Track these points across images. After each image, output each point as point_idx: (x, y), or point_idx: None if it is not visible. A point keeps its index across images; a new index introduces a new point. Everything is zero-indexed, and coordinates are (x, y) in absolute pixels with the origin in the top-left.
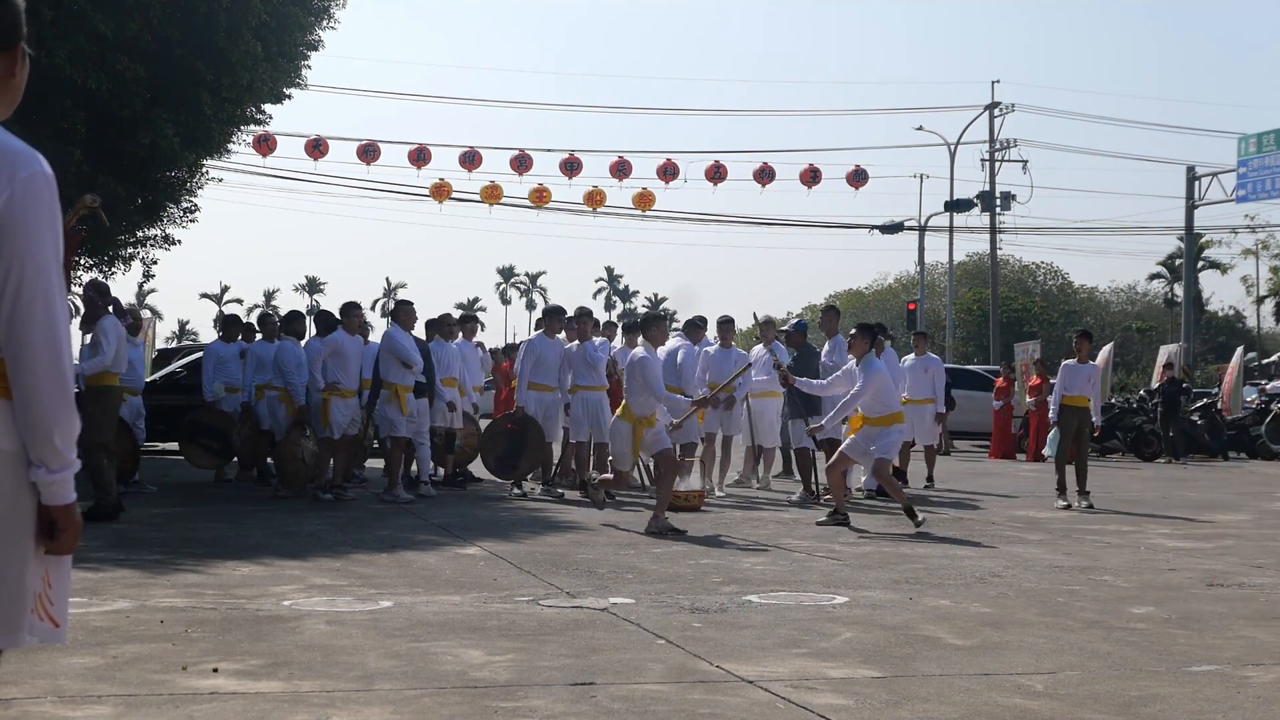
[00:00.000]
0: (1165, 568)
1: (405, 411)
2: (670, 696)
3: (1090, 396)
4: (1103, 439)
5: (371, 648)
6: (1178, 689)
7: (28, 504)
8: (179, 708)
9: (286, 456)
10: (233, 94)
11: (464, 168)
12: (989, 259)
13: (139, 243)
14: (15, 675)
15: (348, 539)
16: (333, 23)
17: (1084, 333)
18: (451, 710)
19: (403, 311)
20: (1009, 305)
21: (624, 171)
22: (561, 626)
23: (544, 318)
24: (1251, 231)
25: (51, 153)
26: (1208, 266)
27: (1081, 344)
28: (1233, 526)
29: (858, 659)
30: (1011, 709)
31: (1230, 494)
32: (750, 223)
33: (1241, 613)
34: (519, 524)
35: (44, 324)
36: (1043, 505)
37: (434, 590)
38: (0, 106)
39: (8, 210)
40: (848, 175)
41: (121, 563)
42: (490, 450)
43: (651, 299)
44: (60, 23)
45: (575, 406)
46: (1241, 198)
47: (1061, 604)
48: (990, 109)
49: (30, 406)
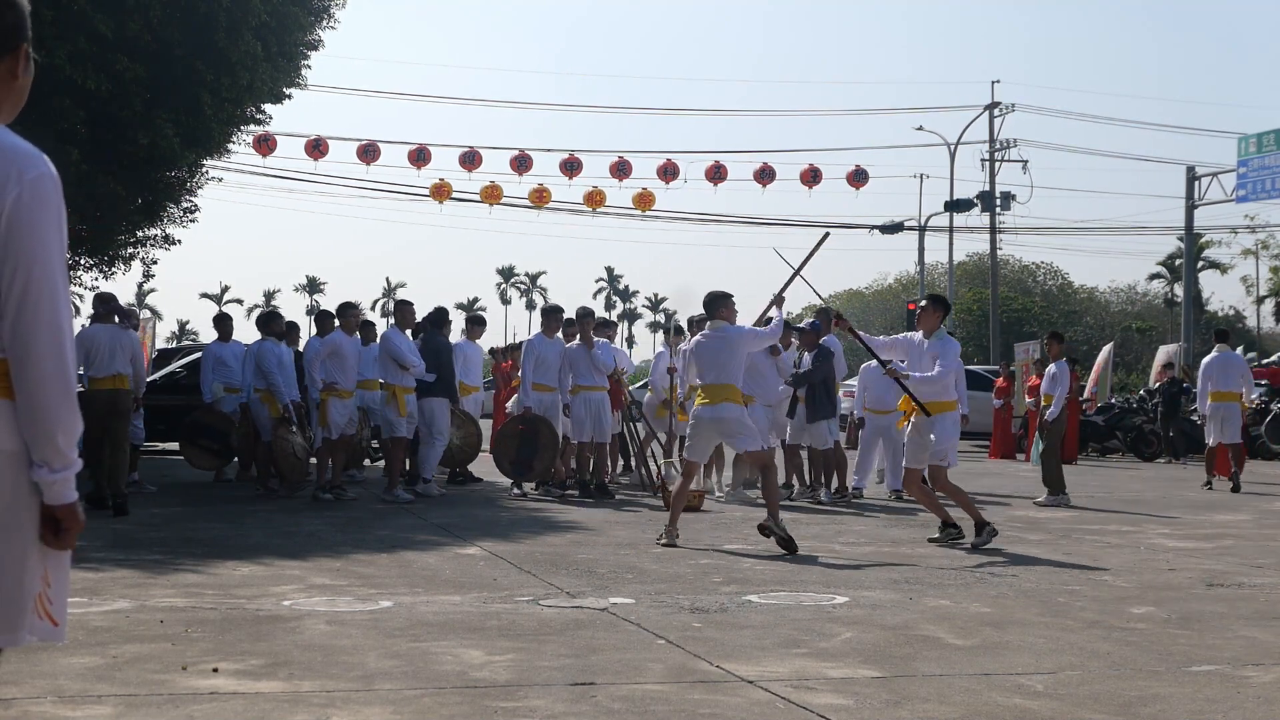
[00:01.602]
0: (1165, 568)
1: (404, 412)
2: (670, 696)
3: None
4: (1103, 439)
5: (371, 648)
6: (1178, 689)
7: (29, 504)
8: (179, 708)
9: (279, 455)
10: (233, 94)
11: (464, 168)
12: (989, 259)
13: (139, 243)
14: (15, 675)
15: (348, 539)
16: (333, 23)
17: (1054, 334)
18: (451, 710)
19: (401, 312)
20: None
21: (624, 171)
22: (561, 626)
23: (543, 317)
24: (1251, 231)
25: (51, 153)
26: (1208, 266)
27: (1051, 345)
28: (1233, 526)
29: (858, 659)
30: (1011, 709)
31: (1230, 494)
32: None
33: (1241, 613)
34: (519, 524)
35: (49, 325)
36: (1043, 505)
37: (434, 590)
38: (4, 108)
39: (14, 212)
40: (848, 175)
41: (121, 563)
42: (503, 454)
43: (651, 299)
44: (60, 23)
45: (577, 407)
46: (1241, 198)
47: (1061, 604)
48: (990, 109)
49: (34, 406)
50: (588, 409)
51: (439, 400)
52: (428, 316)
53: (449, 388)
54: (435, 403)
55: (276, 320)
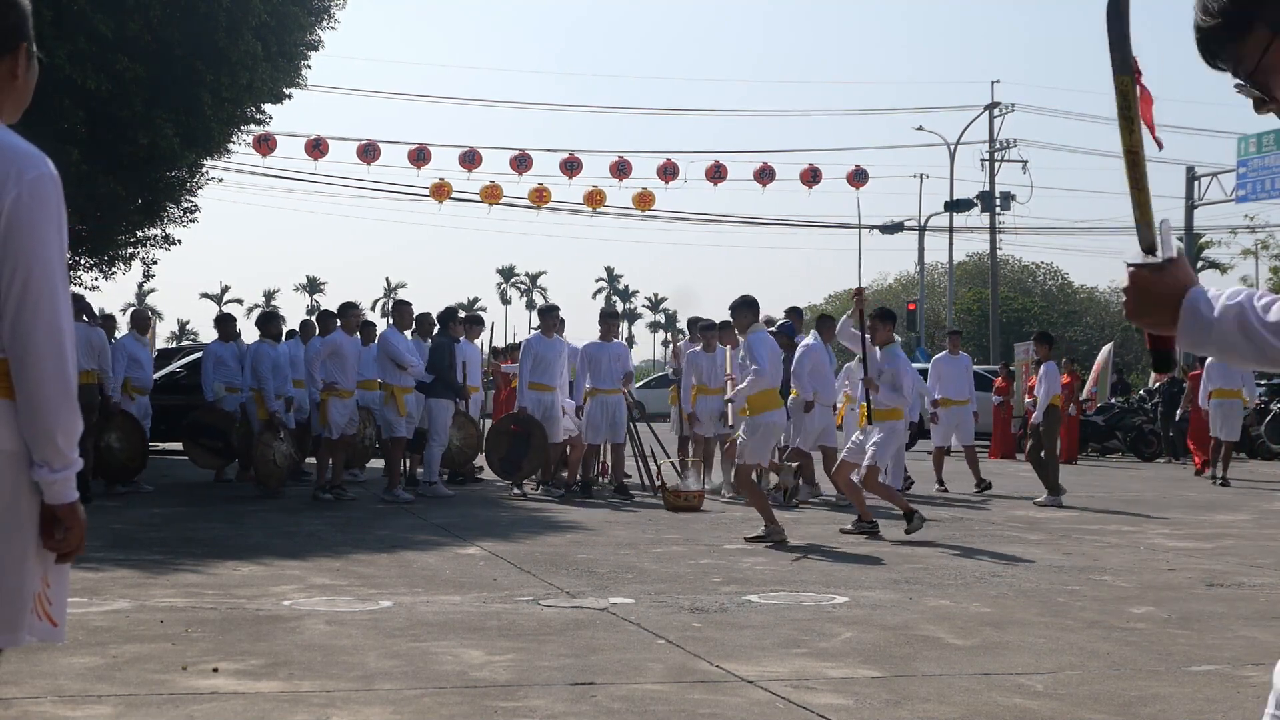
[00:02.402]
0: (1165, 568)
1: (403, 412)
2: (670, 696)
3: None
4: (1103, 439)
5: (371, 648)
6: (1178, 689)
7: (28, 504)
8: (179, 708)
9: (258, 460)
10: (233, 94)
11: (464, 168)
12: (989, 259)
13: (139, 243)
14: (15, 675)
15: (348, 539)
16: (333, 23)
17: (1041, 334)
18: (451, 710)
19: (400, 312)
20: (1009, 305)
21: (624, 171)
22: (561, 626)
23: (541, 316)
24: (1251, 231)
25: (51, 153)
26: (1207, 266)
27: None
28: (1233, 526)
29: (858, 659)
30: (1011, 709)
31: (1230, 494)
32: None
33: (1241, 613)
34: (519, 524)
35: (48, 325)
36: (1042, 505)
37: (434, 590)
38: (6, 109)
39: (14, 212)
40: (848, 175)
41: (121, 563)
42: (494, 451)
43: (651, 299)
44: (60, 23)
45: (594, 410)
46: (1241, 198)
47: (1061, 604)
48: (990, 109)
49: (34, 406)
50: (604, 412)
51: (441, 401)
52: (439, 316)
53: (451, 389)
54: (436, 403)
55: (273, 321)
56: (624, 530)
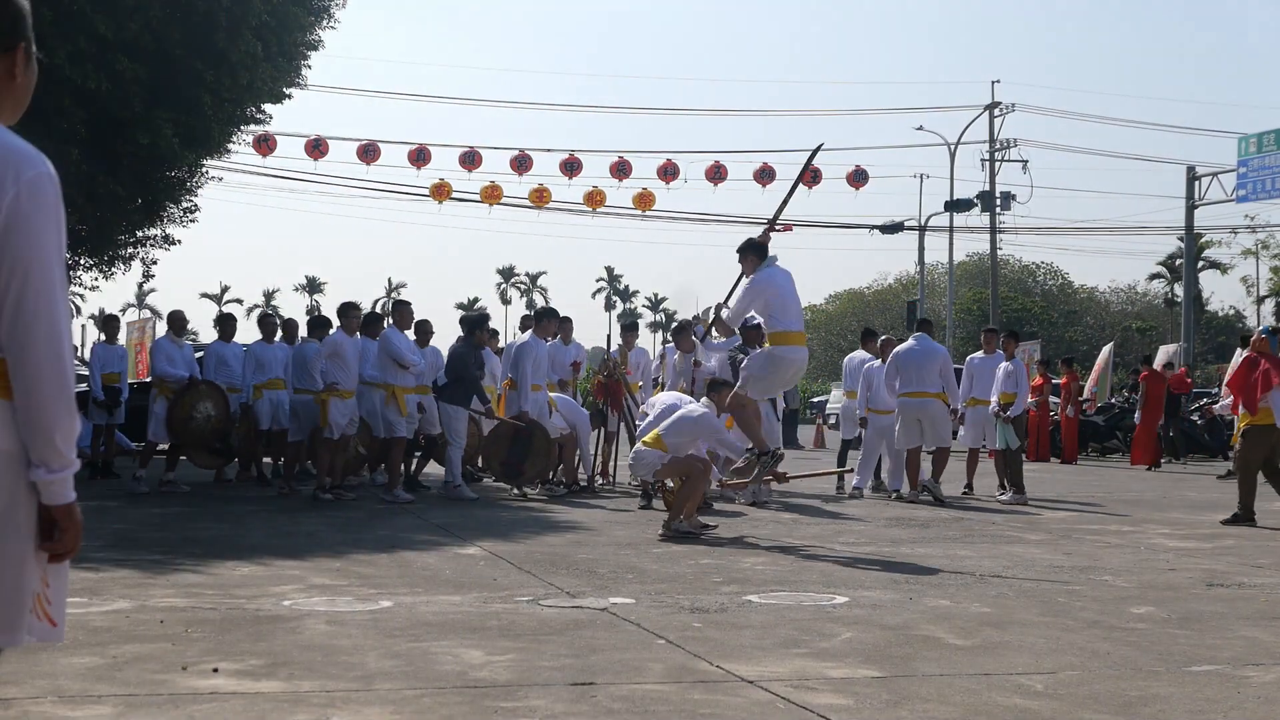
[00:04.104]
0: (1165, 568)
1: (404, 412)
2: (670, 696)
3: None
4: (1103, 439)
5: (371, 648)
6: (1178, 689)
7: (27, 504)
8: (179, 708)
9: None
10: (233, 94)
11: (464, 168)
12: (989, 259)
13: (139, 243)
14: (15, 675)
15: (348, 539)
16: (333, 23)
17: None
18: (451, 710)
19: (400, 312)
20: (1009, 305)
21: (624, 171)
22: (561, 626)
23: (536, 319)
24: (1251, 231)
25: (51, 153)
26: (1208, 266)
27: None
28: (1233, 526)
29: (858, 659)
30: (1011, 709)
31: (1230, 494)
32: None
33: (1241, 613)
34: (519, 524)
35: (47, 325)
36: (1043, 504)
37: (434, 590)
38: (5, 109)
39: (12, 211)
40: (848, 175)
41: (121, 563)
42: (494, 454)
43: (651, 299)
44: (60, 23)
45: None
46: (1241, 198)
47: (1061, 604)
48: (990, 109)
49: (32, 407)
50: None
51: (455, 407)
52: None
53: (467, 395)
54: (450, 409)
55: (268, 322)
56: (624, 530)
